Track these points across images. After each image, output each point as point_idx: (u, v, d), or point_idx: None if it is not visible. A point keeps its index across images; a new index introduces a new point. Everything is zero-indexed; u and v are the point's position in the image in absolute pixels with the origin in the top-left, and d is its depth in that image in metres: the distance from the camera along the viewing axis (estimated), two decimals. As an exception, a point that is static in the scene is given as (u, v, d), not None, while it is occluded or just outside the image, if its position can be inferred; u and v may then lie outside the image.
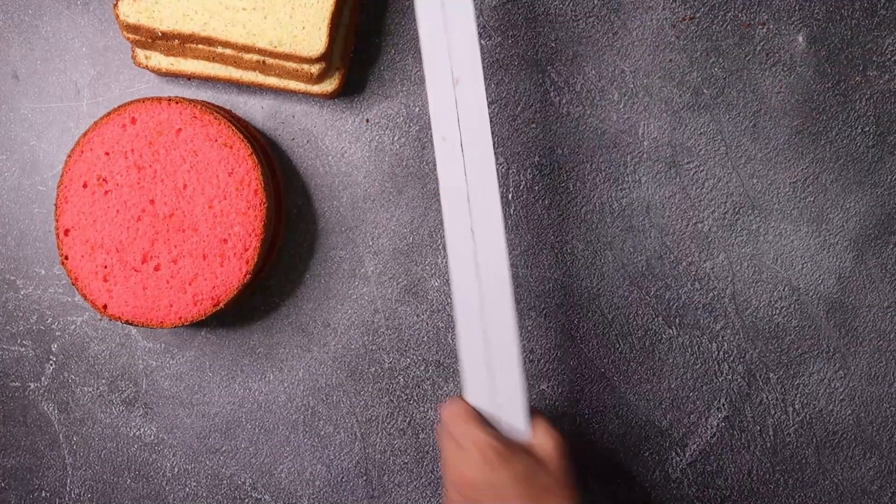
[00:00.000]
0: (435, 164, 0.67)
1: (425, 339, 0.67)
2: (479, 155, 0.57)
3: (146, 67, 0.66)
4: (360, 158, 0.68)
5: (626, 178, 0.67)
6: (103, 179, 0.62)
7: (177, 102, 0.63)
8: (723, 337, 0.67)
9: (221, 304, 0.62)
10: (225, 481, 0.68)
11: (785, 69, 0.67)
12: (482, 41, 0.68)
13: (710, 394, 0.67)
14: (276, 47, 0.62)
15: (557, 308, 0.67)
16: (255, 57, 0.63)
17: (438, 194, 0.67)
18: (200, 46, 0.63)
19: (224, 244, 0.62)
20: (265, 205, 0.62)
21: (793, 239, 0.67)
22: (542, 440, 0.55)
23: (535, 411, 0.57)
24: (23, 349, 0.68)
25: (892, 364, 0.67)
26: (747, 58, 0.67)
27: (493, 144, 0.67)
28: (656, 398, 0.67)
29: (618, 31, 0.68)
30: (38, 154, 0.68)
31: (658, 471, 0.67)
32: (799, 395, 0.67)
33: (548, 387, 0.67)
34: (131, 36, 0.63)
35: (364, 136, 0.68)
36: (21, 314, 0.68)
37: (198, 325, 0.68)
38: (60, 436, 0.68)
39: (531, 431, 0.56)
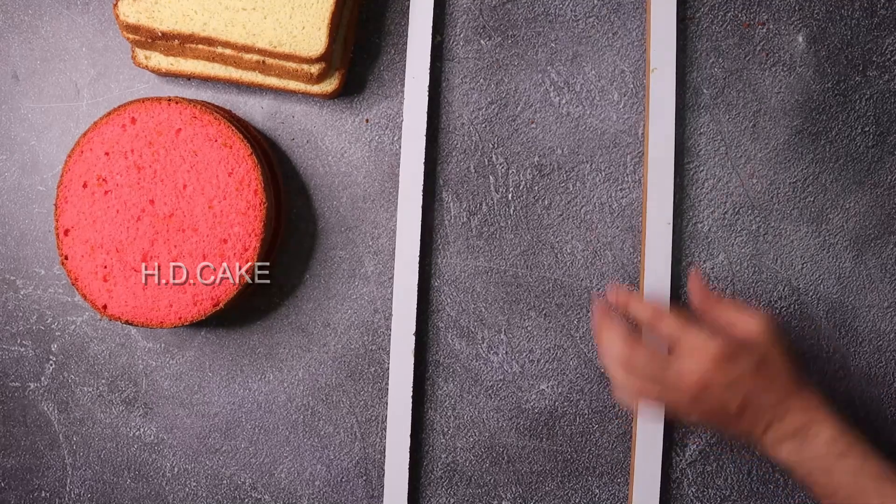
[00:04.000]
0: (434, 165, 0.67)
1: (425, 338, 0.67)
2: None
3: (146, 67, 0.66)
4: (360, 158, 0.68)
5: (626, 178, 0.67)
6: (103, 179, 0.62)
7: (177, 102, 0.63)
8: (723, 337, 0.67)
9: (221, 305, 0.62)
10: (225, 481, 0.68)
11: (785, 69, 0.67)
12: (482, 41, 0.68)
13: (710, 394, 0.67)
14: (275, 47, 0.62)
15: (557, 308, 0.67)
16: (255, 57, 0.63)
17: (438, 192, 0.67)
18: (200, 46, 0.63)
19: (224, 244, 0.62)
20: (265, 205, 0.62)
21: (793, 239, 0.67)
22: (747, 323, 0.56)
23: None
24: (23, 349, 0.68)
25: (892, 364, 0.67)
26: (747, 58, 0.67)
27: (493, 144, 0.68)
28: (656, 398, 0.67)
29: (618, 31, 0.68)
30: (38, 154, 0.68)
31: (658, 471, 0.67)
32: (799, 395, 0.67)
33: (548, 387, 0.67)
34: (131, 36, 0.63)
35: (364, 136, 0.68)
36: (21, 314, 0.68)
37: (198, 325, 0.68)
38: (60, 436, 0.68)
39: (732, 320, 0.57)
